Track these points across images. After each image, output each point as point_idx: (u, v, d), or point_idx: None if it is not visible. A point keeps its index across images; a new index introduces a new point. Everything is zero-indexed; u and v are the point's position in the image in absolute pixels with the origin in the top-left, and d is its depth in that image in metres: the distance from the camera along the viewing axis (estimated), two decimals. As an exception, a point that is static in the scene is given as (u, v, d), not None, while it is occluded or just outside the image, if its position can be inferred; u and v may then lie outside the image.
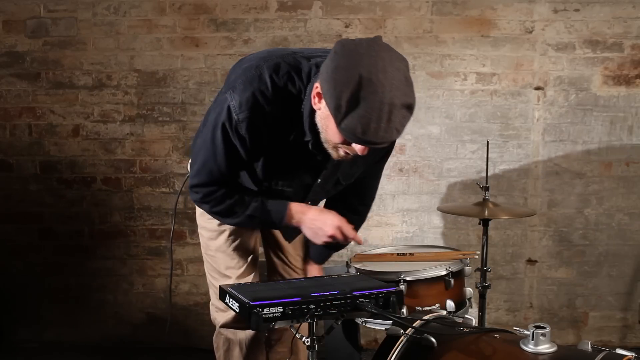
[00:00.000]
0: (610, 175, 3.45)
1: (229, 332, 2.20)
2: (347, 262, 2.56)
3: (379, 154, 2.10)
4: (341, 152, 1.75)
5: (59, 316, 3.57)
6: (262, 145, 1.85)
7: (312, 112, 1.75)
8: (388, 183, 3.46)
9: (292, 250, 2.36)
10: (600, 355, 1.42)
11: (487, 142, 2.94)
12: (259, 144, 1.84)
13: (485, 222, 2.77)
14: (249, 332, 2.18)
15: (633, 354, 1.41)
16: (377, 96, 1.55)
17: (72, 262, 3.54)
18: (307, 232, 2.00)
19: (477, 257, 2.57)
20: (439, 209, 3.02)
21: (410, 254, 2.62)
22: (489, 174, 2.87)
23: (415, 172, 3.47)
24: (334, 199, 2.26)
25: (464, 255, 2.53)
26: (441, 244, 3.40)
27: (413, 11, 3.35)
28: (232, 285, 1.79)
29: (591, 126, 3.42)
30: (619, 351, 1.44)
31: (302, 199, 2.04)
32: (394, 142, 2.10)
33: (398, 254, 2.64)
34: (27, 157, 3.49)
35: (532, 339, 1.51)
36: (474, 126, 3.43)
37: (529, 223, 3.48)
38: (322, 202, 2.27)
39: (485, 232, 2.79)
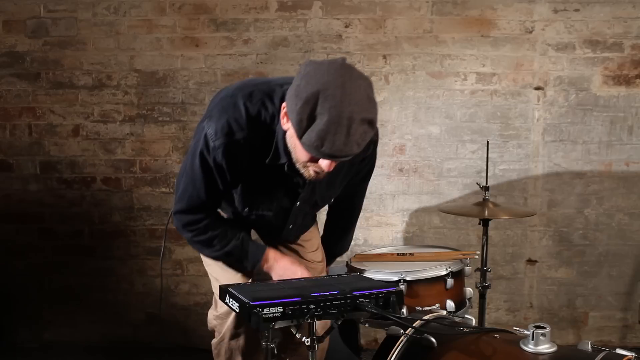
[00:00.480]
0: (610, 175, 3.45)
1: (232, 341, 2.20)
2: (347, 262, 2.57)
3: (359, 176, 2.18)
4: (311, 170, 1.80)
5: (59, 316, 3.56)
6: (240, 170, 1.91)
7: (284, 133, 1.80)
8: (388, 183, 3.46)
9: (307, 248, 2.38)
10: (600, 355, 1.42)
11: (487, 142, 2.94)
12: (237, 169, 1.90)
13: (485, 222, 2.78)
14: (251, 342, 2.18)
15: (633, 354, 1.41)
16: (335, 110, 1.59)
17: (72, 262, 3.54)
18: (276, 278, 2.08)
19: (477, 257, 2.57)
20: (439, 209, 3.01)
21: (410, 254, 2.62)
22: (489, 174, 2.87)
23: (415, 172, 3.47)
24: (329, 217, 2.40)
25: (464, 255, 2.53)
26: (441, 244, 3.38)
27: (413, 11, 3.35)
28: (233, 285, 1.80)
29: (591, 126, 3.42)
30: (619, 351, 1.44)
31: (283, 223, 2.12)
32: (373, 162, 2.19)
33: (398, 254, 2.64)
34: (27, 157, 3.49)
35: (532, 339, 1.51)
36: (474, 126, 3.43)
37: (529, 223, 3.48)
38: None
39: (485, 232, 2.79)
